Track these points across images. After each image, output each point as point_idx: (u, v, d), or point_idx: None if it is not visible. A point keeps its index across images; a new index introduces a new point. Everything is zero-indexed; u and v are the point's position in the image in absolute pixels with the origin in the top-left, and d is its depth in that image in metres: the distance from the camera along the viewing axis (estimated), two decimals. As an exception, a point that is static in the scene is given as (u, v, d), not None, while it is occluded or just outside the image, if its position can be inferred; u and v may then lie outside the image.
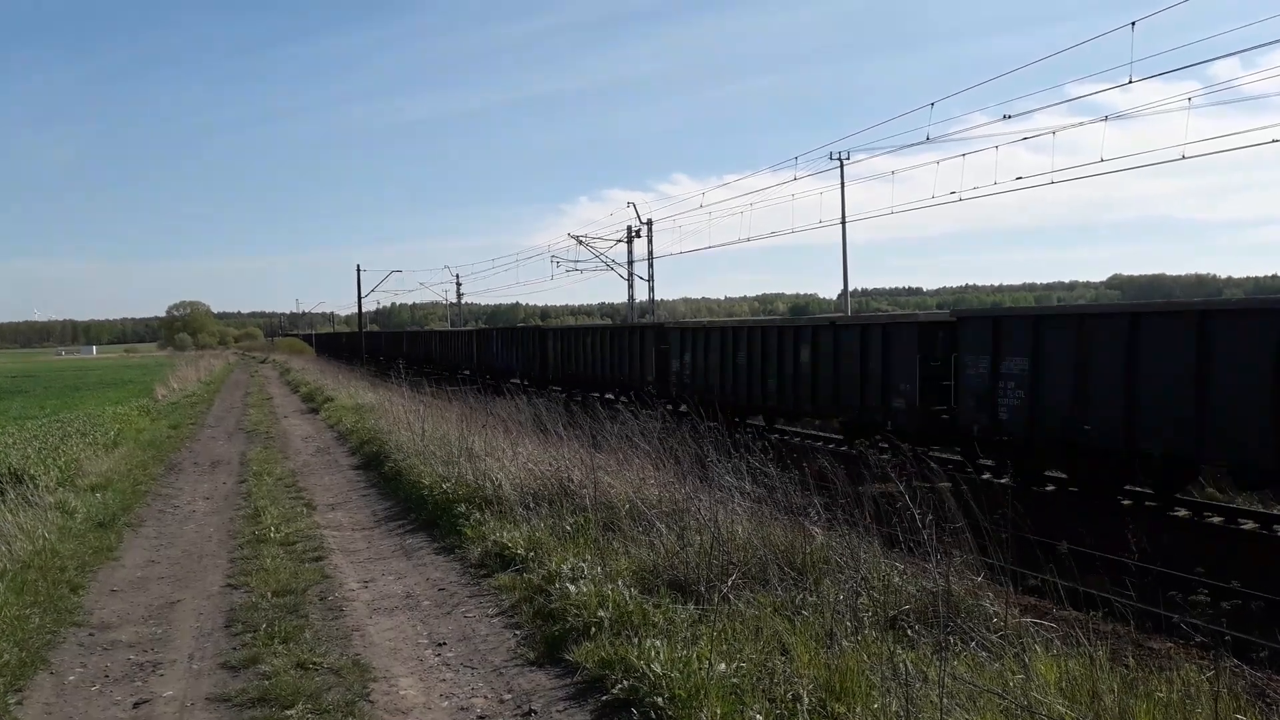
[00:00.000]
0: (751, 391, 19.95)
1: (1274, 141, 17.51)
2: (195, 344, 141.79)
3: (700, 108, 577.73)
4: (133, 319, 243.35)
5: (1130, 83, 18.07)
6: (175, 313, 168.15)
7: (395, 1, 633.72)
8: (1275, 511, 12.12)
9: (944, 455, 13.84)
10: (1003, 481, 12.95)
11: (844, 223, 37.67)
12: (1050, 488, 13.81)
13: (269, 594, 7.78)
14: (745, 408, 20.55)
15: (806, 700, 4.59)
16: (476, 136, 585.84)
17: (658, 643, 5.42)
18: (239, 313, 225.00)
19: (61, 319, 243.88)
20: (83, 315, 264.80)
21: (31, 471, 13.04)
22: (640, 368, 26.01)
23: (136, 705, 5.63)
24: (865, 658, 4.96)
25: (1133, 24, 16.92)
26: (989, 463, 13.94)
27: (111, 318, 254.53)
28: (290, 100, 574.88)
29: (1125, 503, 12.67)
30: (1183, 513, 12.56)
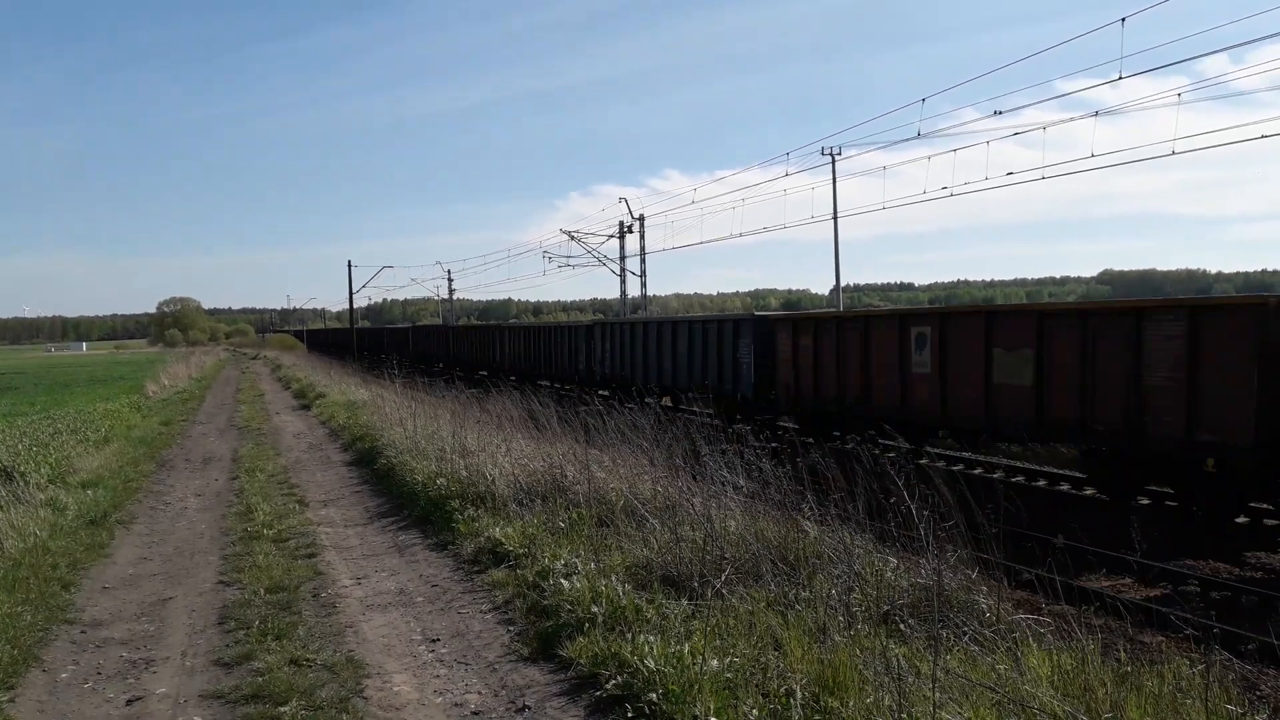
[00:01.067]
0: (538, 366, 35.19)
1: (1263, 137, 17.60)
2: (186, 340, 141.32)
3: (692, 103, 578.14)
4: (123, 315, 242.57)
5: (1120, 78, 18.12)
6: (166, 309, 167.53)
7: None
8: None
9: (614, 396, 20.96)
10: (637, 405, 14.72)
11: (836, 218, 37.69)
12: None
13: (262, 591, 7.77)
14: (532, 374, 35.11)
15: (799, 695, 4.61)
16: (468, 132, 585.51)
17: (651, 638, 5.43)
18: (230, 309, 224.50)
19: (51, 315, 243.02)
20: (73, 311, 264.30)
21: (22, 468, 12.97)
22: (496, 354, 40.83)
23: (129, 702, 5.61)
24: (858, 652, 4.98)
25: (1123, 20, 16.97)
26: (607, 392, 24.60)
27: (102, 314, 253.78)
28: (282, 96, 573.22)
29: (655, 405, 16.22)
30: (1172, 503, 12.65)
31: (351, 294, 66.24)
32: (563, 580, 6.75)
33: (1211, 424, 10.90)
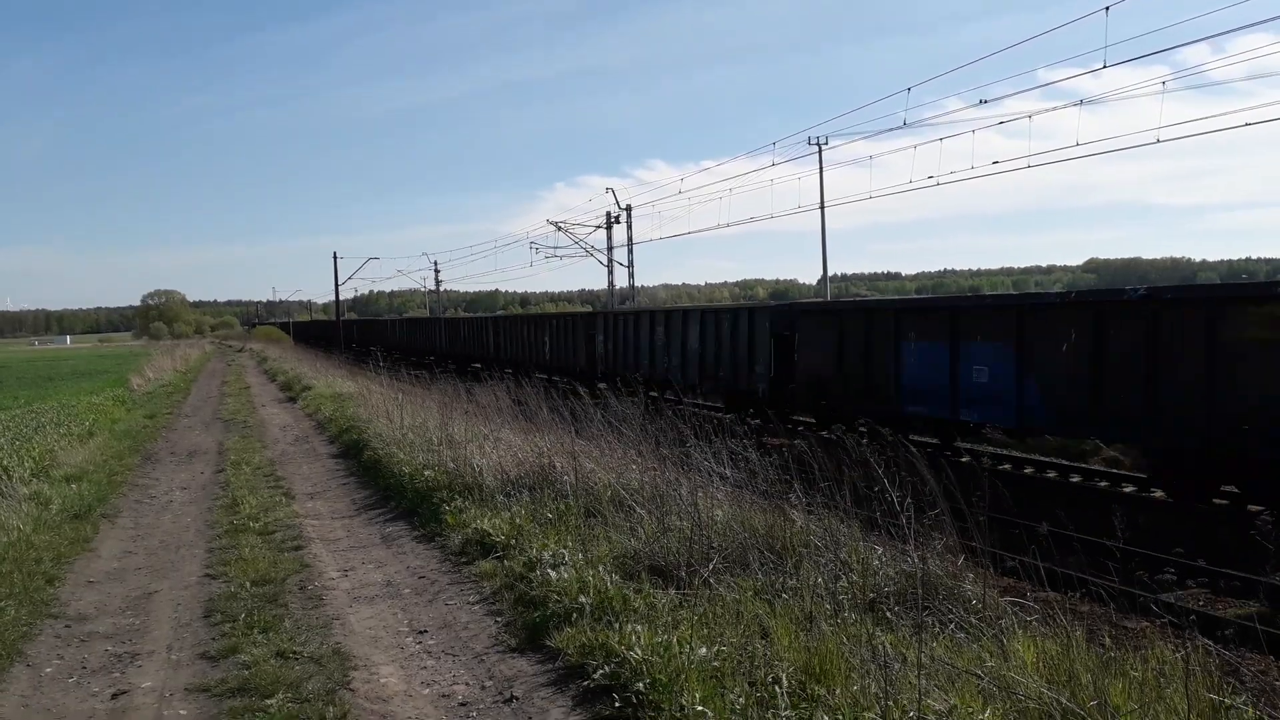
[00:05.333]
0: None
1: (1246, 125, 17.69)
2: (171, 333, 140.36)
3: (676, 94, 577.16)
4: (107, 308, 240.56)
5: (1104, 67, 18.14)
6: (150, 302, 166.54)
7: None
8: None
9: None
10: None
11: (823, 208, 37.67)
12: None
13: (248, 583, 7.74)
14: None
15: (786, 683, 4.62)
16: (453, 123, 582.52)
17: (639, 628, 5.43)
18: (215, 301, 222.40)
19: (35, 309, 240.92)
20: (56, 305, 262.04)
21: (5, 463, 12.88)
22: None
23: (115, 696, 5.59)
24: (845, 640, 4.99)
25: (1107, 9, 16.98)
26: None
27: (86, 307, 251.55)
28: (266, 88, 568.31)
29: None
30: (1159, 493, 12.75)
31: (338, 286, 66.09)
32: (550, 571, 6.75)
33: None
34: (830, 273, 40.46)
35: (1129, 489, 13.42)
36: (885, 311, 16.44)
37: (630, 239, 48.80)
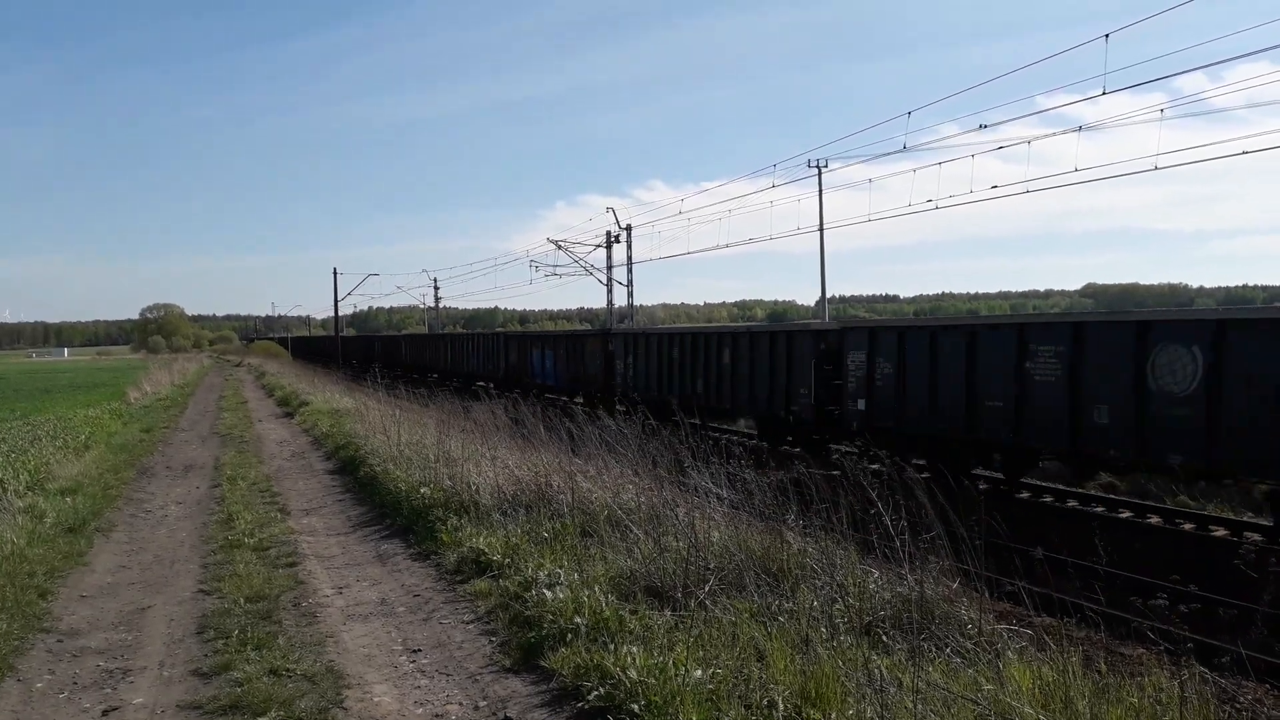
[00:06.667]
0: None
1: (1245, 153, 17.83)
2: (169, 347, 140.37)
3: (676, 114, 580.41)
4: (106, 321, 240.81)
5: (1103, 94, 18.31)
6: (149, 315, 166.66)
7: (371, 3, 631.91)
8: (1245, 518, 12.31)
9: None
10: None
11: (822, 230, 37.81)
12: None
13: (242, 600, 7.70)
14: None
15: (782, 706, 4.61)
16: (454, 140, 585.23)
17: (634, 649, 5.41)
18: (214, 316, 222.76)
19: (33, 321, 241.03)
20: (55, 317, 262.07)
21: (0, 475, 12.85)
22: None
23: (105, 713, 5.55)
24: (840, 664, 4.97)
25: (1106, 36, 17.15)
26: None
27: (84, 320, 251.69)
28: (266, 101, 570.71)
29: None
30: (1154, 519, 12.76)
31: (337, 301, 66.22)
32: (546, 591, 6.73)
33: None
34: (829, 294, 40.57)
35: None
36: (524, 338, 38.27)
37: (630, 258, 48.94)
